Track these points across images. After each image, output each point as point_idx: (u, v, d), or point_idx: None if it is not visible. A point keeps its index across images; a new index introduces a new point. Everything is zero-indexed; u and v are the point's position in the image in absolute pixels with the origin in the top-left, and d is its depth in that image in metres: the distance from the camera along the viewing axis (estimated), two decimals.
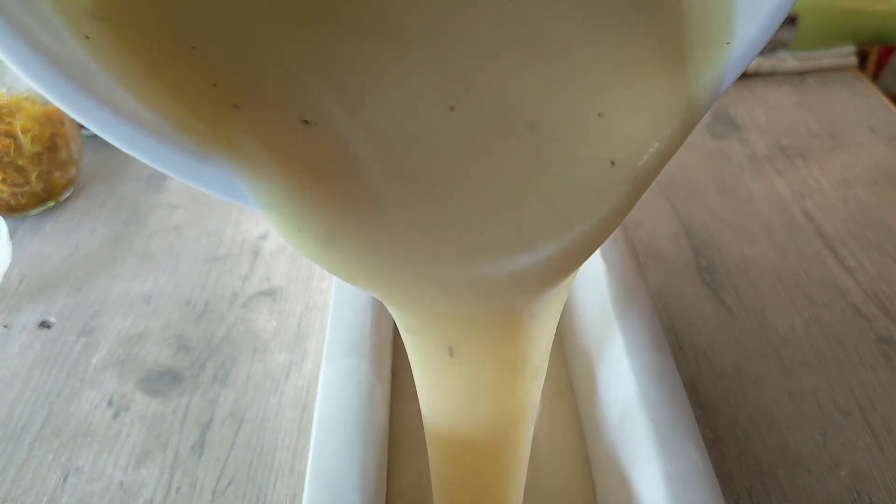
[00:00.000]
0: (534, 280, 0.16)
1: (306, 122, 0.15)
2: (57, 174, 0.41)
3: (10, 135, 0.38)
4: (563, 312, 0.31)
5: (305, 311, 0.36)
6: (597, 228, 0.15)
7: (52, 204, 0.42)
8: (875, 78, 0.65)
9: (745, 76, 0.58)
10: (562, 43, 0.17)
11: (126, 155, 0.14)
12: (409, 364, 0.29)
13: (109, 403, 0.31)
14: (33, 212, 0.42)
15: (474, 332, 0.17)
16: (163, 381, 0.32)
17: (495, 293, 0.16)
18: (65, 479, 0.28)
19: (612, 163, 0.15)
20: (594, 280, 0.27)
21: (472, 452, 0.20)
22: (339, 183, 0.15)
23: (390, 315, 0.28)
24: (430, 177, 0.15)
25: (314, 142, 0.15)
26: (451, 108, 0.16)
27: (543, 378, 0.19)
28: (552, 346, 0.31)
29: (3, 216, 0.37)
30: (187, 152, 0.14)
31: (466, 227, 0.15)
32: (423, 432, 0.27)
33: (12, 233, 0.40)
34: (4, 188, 0.40)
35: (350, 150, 0.15)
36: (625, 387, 0.23)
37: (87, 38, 0.14)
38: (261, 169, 0.14)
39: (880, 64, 0.66)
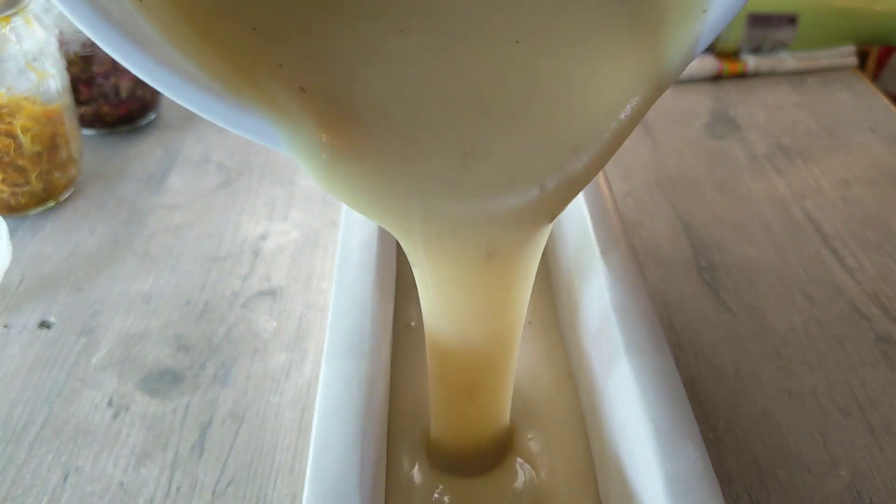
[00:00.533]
0: (522, 215, 0.18)
1: (341, 93, 0.18)
2: (57, 174, 0.41)
3: (10, 135, 0.38)
4: (563, 313, 0.31)
5: (305, 311, 0.36)
6: (578, 174, 0.18)
7: (52, 204, 0.42)
8: (875, 78, 0.65)
9: (744, 76, 0.58)
10: (542, 9, 0.18)
11: (126, 155, 0.15)
12: (408, 364, 0.29)
13: (109, 403, 0.31)
14: (33, 212, 0.42)
15: (476, 252, 0.19)
16: (163, 381, 0.32)
17: (496, 223, 0.18)
18: (65, 479, 0.28)
19: (591, 119, 0.18)
20: (594, 279, 0.27)
21: (467, 358, 0.23)
22: (362, 138, 0.17)
23: (390, 315, 0.28)
24: (440, 134, 0.18)
25: (345, 109, 0.18)
26: (453, 76, 0.18)
27: (528, 298, 0.22)
28: (553, 347, 0.31)
29: (3, 216, 0.37)
30: (232, 105, 0.16)
31: (466, 172, 0.18)
32: (422, 431, 0.27)
33: (12, 233, 0.40)
34: (4, 188, 0.40)
35: (372, 117, 0.18)
36: (625, 387, 0.23)
37: (140, 0, 0.16)
38: (300, 126, 0.17)
39: (880, 64, 0.66)
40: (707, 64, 0.57)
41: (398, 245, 0.32)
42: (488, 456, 0.26)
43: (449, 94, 0.18)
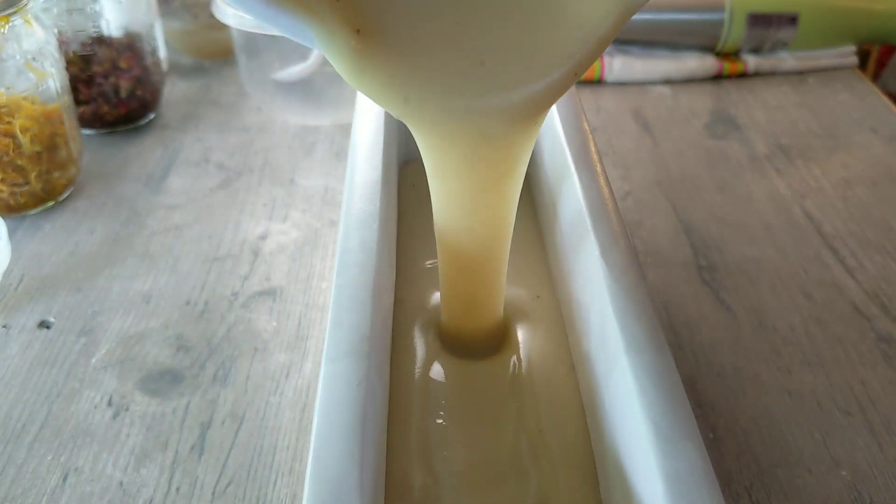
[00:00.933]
0: (517, 109, 0.22)
1: (383, 22, 0.21)
2: (56, 174, 0.41)
3: (10, 134, 0.38)
4: (564, 314, 0.31)
5: (305, 311, 0.36)
6: (564, 76, 0.21)
7: (51, 204, 0.42)
8: (875, 78, 0.65)
9: (745, 76, 0.58)
10: None
11: (126, 155, 0.14)
12: (408, 364, 0.29)
13: (109, 403, 0.31)
14: (33, 212, 0.42)
15: (474, 147, 0.23)
16: (163, 381, 0.32)
17: (490, 117, 0.22)
18: (64, 479, 0.28)
19: (578, 30, 0.21)
20: (594, 279, 0.27)
21: (468, 252, 0.26)
22: (392, 50, 0.21)
23: (389, 315, 0.28)
24: (449, 37, 0.21)
25: (382, 29, 0.21)
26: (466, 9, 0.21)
27: (517, 202, 0.25)
28: (557, 353, 0.31)
29: (2, 216, 0.37)
30: (272, 6, 0.19)
31: (473, 72, 0.21)
32: (421, 431, 0.27)
33: (12, 233, 0.40)
34: (4, 188, 0.40)
35: (403, 35, 0.21)
36: (625, 386, 0.23)
37: None
38: (336, 36, 0.20)
39: (880, 64, 0.66)
40: (707, 64, 0.57)
41: (398, 245, 0.32)
42: (487, 340, 0.30)
43: (465, 19, 0.21)
